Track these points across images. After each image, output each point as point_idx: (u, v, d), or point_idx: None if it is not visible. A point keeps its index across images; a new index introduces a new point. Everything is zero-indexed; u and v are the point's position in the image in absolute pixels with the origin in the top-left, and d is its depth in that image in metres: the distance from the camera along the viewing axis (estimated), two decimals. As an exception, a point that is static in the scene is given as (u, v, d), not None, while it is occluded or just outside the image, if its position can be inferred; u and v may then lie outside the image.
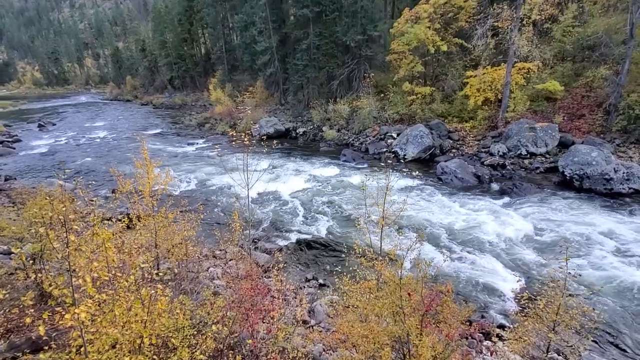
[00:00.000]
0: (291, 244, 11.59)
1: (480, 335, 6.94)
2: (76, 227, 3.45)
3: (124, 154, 23.49)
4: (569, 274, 4.60)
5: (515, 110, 19.20)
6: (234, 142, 7.66)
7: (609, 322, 7.47)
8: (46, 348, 3.45)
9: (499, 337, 6.81)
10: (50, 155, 24.27)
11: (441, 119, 21.87)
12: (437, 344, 4.22)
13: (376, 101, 24.85)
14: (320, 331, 6.74)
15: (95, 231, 3.59)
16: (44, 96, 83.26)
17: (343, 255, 10.44)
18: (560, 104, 18.69)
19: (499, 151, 17.69)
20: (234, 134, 8.08)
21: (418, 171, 13.51)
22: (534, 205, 13.17)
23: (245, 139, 7.39)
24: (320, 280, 9.44)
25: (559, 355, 6.19)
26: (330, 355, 6.15)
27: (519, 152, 17.21)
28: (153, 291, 3.58)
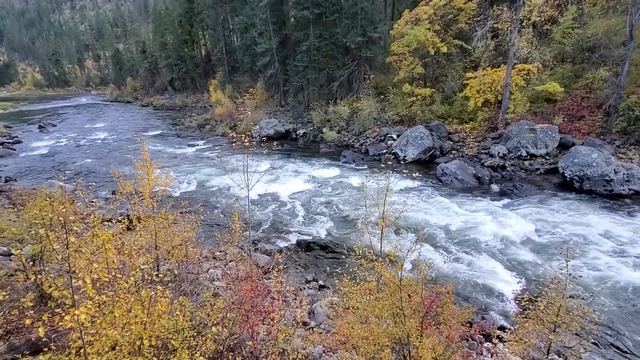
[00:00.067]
0: (291, 245, 11.58)
1: (481, 336, 6.93)
2: (76, 229, 3.45)
3: (124, 155, 23.51)
4: (569, 275, 4.59)
5: (515, 112, 19.22)
6: (234, 144, 7.66)
7: (608, 323, 7.46)
8: (46, 350, 3.44)
9: (500, 339, 6.80)
10: (51, 157, 24.29)
11: (441, 120, 21.88)
12: (438, 345, 4.21)
13: (376, 102, 24.88)
14: (320, 333, 6.73)
15: (95, 232, 3.59)
16: (44, 97, 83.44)
17: (343, 256, 10.43)
18: (560, 105, 18.71)
19: (499, 152, 17.69)
20: (234, 136, 8.08)
21: (418, 172, 13.51)
22: (534, 206, 13.16)
23: (246, 141, 7.38)
24: (321, 282, 9.43)
25: (559, 356, 6.18)
26: (331, 357, 6.14)
27: (519, 154, 17.22)
28: (153, 293, 3.58)
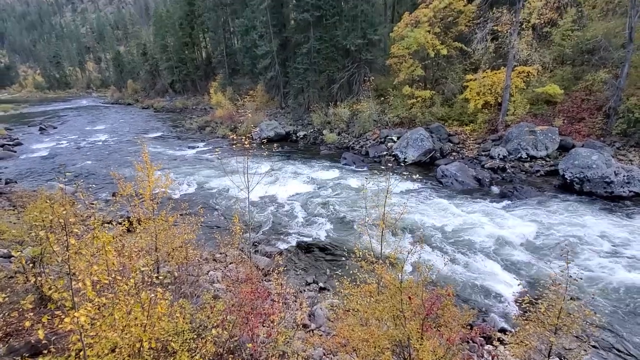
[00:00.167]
0: (291, 247, 11.57)
1: (482, 339, 6.91)
2: (76, 231, 3.45)
3: (124, 157, 23.54)
4: (570, 277, 4.58)
5: (515, 114, 19.24)
6: (234, 146, 7.68)
7: (608, 325, 7.44)
8: (45, 352, 3.44)
9: (500, 341, 6.78)
10: (51, 159, 24.32)
11: (441, 122, 21.91)
12: (438, 348, 4.20)
13: (376, 105, 24.91)
14: (321, 335, 6.71)
15: (95, 234, 3.59)
16: (45, 100, 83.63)
17: (343, 258, 10.43)
18: (560, 107, 18.73)
19: (499, 154, 17.70)
20: (235, 138, 8.09)
21: (418, 174, 13.52)
22: (534, 208, 13.15)
23: (246, 143, 7.40)
24: (321, 284, 9.41)
25: (560, 359, 6.16)
26: (331, 359, 6.12)
27: (519, 156, 17.22)
28: (153, 295, 3.57)
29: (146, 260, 5.60)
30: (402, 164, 18.78)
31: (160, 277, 4.47)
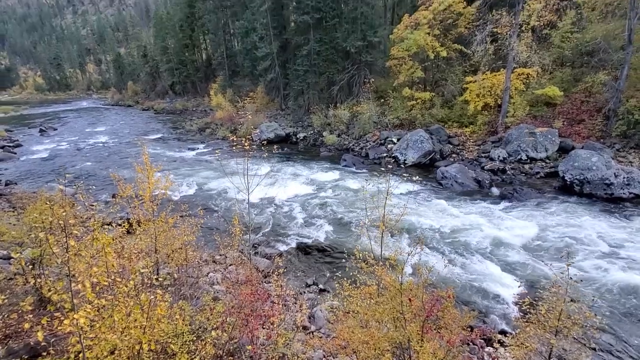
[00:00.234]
0: (291, 249, 11.55)
1: (482, 341, 6.89)
2: (76, 232, 3.45)
3: (124, 158, 23.54)
4: (570, 279, 4.57)
5: (515, 116, 19.27)
6: (234, 147, 7.68)
7: (605, 326, 7.42)
8: (45, 354, 3.43)
9: (501, 343, 6.76)
10: (51, 160, 24.32)
11: (441, 124, 21.94)
12: (439, 350, 4.19)
13: (376, 106, 24.95)
14: (321, 337, 6.69)
15: (95, 236, 3.59)
16: (45, 101, 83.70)
17: (343, 260, 10.40)
18: (560, 109, 18.76)
19: (499, 156, 17.71)
20: (235, 139, 8.09)
21: (418, 176, 13.52)
22: (534, 210, 13.15)
23: (246, 144, 7.39)
24: (321, 286, 9.40)
25: (561, 361, 6.13)
26: (331, 361, 6.10)
27: (519, 157, 17.24)
28: (152, 296, 3.57)
29: (146, 262, 5.60)
30: (402, 166, 18.79)
31: (159, 279, 4.46)
